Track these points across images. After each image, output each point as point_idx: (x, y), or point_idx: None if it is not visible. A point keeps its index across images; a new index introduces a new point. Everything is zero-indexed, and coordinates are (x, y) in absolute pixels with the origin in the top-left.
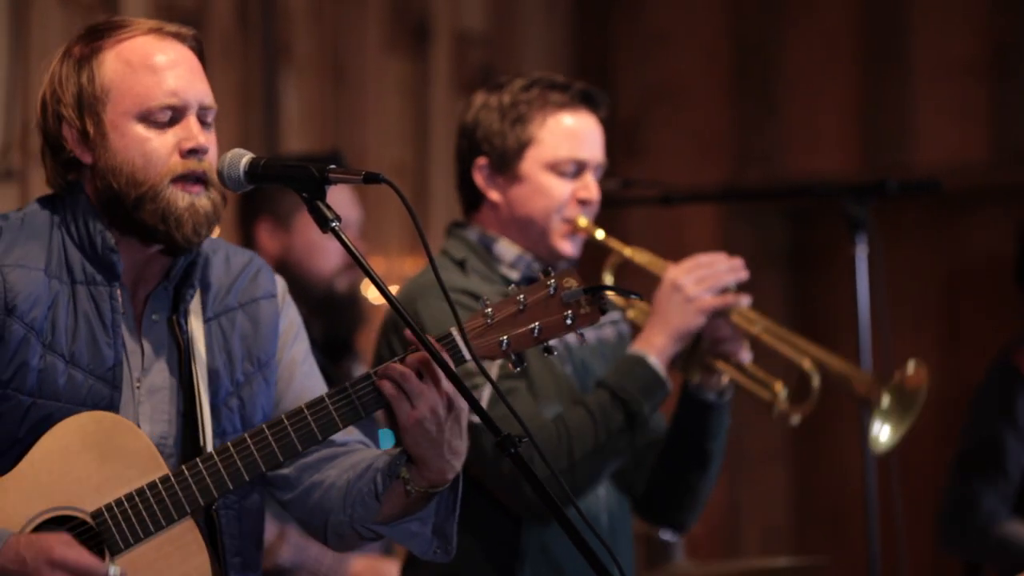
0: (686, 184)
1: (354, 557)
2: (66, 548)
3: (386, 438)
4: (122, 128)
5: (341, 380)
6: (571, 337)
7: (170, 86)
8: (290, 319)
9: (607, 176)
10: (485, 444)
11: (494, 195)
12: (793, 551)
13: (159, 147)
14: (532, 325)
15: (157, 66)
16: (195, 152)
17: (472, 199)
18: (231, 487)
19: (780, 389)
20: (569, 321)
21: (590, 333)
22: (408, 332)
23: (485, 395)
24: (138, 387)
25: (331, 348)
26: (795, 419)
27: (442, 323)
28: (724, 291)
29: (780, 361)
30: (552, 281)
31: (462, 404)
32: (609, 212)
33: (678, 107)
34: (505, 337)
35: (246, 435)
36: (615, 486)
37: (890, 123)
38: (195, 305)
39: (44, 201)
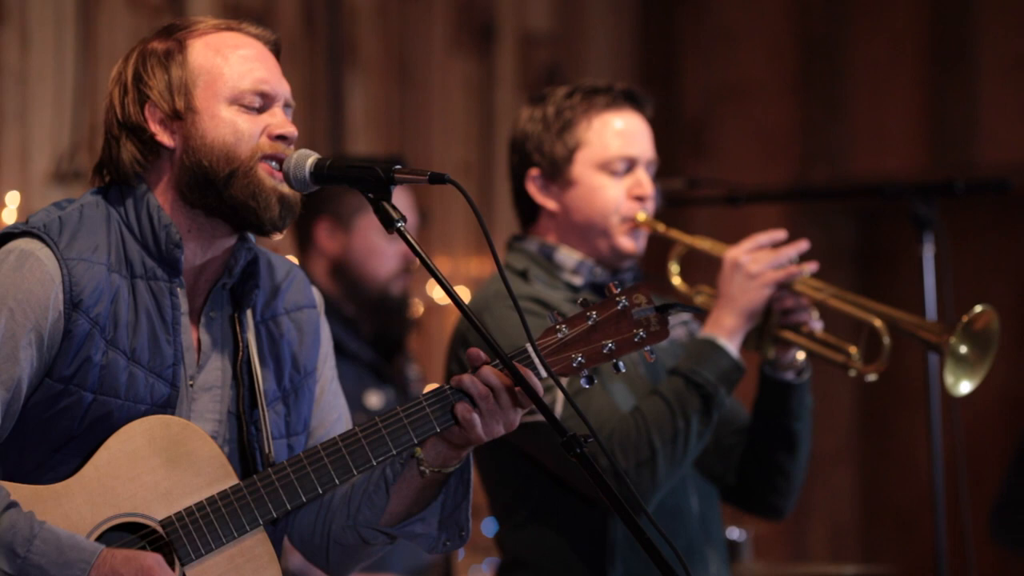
0: (752, 183)
1: None
2: (166, 571)
3: None
4: (213, 110)
5: (395, 379)
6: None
7: (261, 75)
8: (327, 335)
9: (673, 175)
10: None
11: (550, 204)
12: (860, 552)
13: (249, 127)
14: (605, 343)
15: (248, 56)
16: (284, 138)
17: (529, 212)
18: (304, 500)
19: (854, 352)
20: (639, 339)
21: None
22: (473, 352)
23: (559, 397)
24: (191, 384)
25: (383, 346)
26: (871, 377)
27: (510, 334)
28: (785, 264)
29: (845, 328)
30: (622, 298)
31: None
32: (675, 211)
33: (744, 106)
34: (579, 355)
35: (319, 447)
36: (702, 476)
37: (957, 122)
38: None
39: (99, 193)
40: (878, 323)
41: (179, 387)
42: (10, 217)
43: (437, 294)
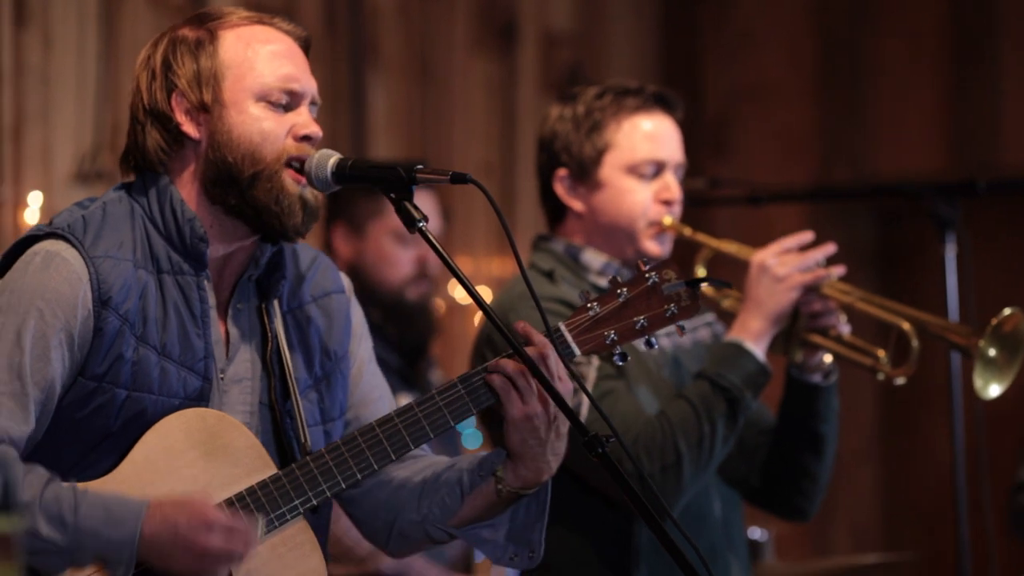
0: (773, 183)
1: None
2: (216, 510)
3: (474, 439)
4: (240, 105)
5: (419, 383)
6: (667, 337)
7: (291, 73)
8: (359, 317)
9: (694, 176)
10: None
11: (577, 205)
12: (883, 549)
13: (275, 127)
14: (636, 319)
15: (278, 52)
16: (309, 139)
17: (556, 212)
18: (344, 487)
19: (881, 355)
20: (670, 314)
21: (685, 337)
22: (521, 325)
23: (585, 399)
24: (221, 377)
25: (407, 352)
26: (900, 380)
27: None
28: (813, 267)
29: (872, 332)
30: (652, 274)
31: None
32: (696, 212)
33: (765, 106)
34: (611, 332)
35: (356, 432)
36: (724, 480)
37: (978, 121)
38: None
39: (122, 189)
40: (906, 326)
41: (211, 380)
42: (33, 217)
43: (459, 294)
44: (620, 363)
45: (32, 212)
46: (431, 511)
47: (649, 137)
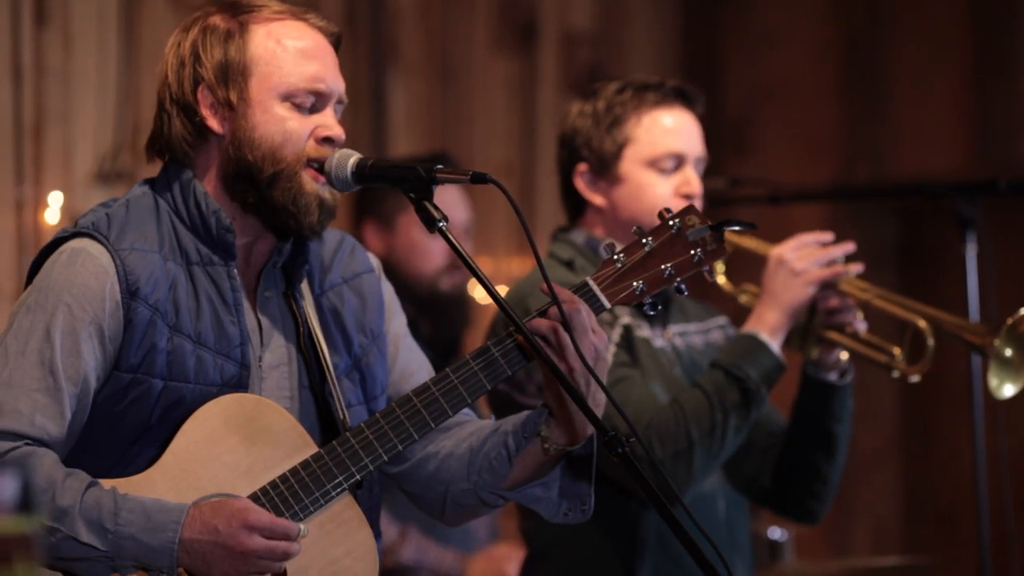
0: (794, 183)
1: (474, 556)
2: (258, 512)
3: None
4: (265, 104)
5: None
6: (680, 337)
7: (318, 73)
8: (390, 294)
9: (715, 175)
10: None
11: (597, 199)
12: (903, 550)
13: (298, 128)
14: (663, 266)
15: (307, 51)
16: (330, 141)
17: (576, 207)
18: (386, 459)
19: (897, 352)
20: (697, 259)
21: (698, 337)
22: (544, 287)
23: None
24: (260, 363)
25: (439, 346)
26: (915, 378)
27: None
28: (831, 264)
29: (888, 329)
30: (675, 220)
31: (605, 353)
32: (717, 211)
33: (786, 106)
34: (639, 282)
35: (394, 404)
36: (733, 484)
37: (1000, 120)
38: (303, 282)
39: (146, 185)
40: (923, 324)
41: (249, 366)
42: (53, 217)
43: (479, 293)
44: (651, 313)
45: (52, 212)
46: (481, 477)
47: (669, 131)
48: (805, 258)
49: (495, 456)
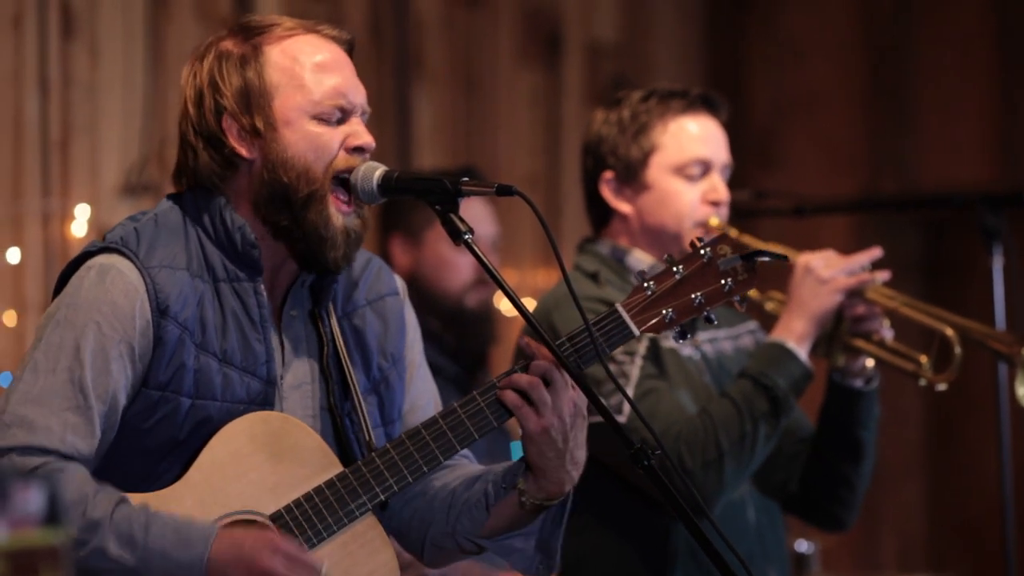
0: (819, 195)
1: (502, 571)
2: (287, 540)
3: (517, 446)
4: (295, 123)
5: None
6: (710, 343)
7: (339, 86)
8: (412, 320)
9: (740, 187)
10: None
11: (623, 207)
12: (930, 563)
13: (329, 141)
14: (693, 295)
15: (326, 64)
16: (361, 150)
17: (601, 215)
18: (411, 480)
19: (924, 360)
20: (727, 288)
21: (728, 343)
22: (525, 341)
23: (629, 390)
24: (282, 382)
25: (465, 361)
26: (941, 386)
27: None
28: (857, 271)
29: (914, 337)
30: (706, 249)
31: (584, 409)
32: (742, 223)
33: (812, 117)
34: (669, 310)
35: (420, 426)
36: (761, 490)
37: None
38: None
39: (173, 200)
40: (949, 332)
41: (275, 383)
42: (80, 230)
43: (505, 306)
44: (680, 341)
45: (79, 224)
46: (460, 523)
47: (696, 138)
48: (832, 266)
49: (475, 503)
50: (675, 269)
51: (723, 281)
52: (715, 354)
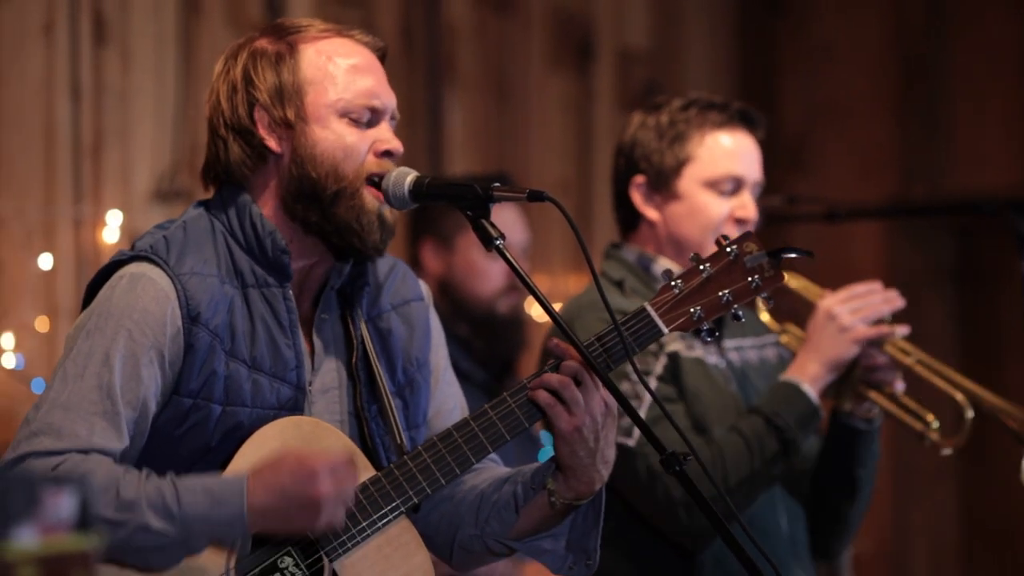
0: (851, 200)
1: (528, 565)
2: (313, 457)
3: (545, 453)
4: (325, 120)
5: None
6: (736, 351)
7: (372, 88)
8: (437, 325)
9: (772, 192)
10: (639, 468)
11: (651, 213)
12: (962, 571)
13: (358, 143)
14: (721, 293)
15: (359, 67)
16: (390, 154)
17: (629, 219)
18: (443, 483)
19: (932, 420)
20: (755, 286)
21: (753, 352)
22: (555, 342)
23: (643, 410)
24: (310, 387)
25: (494, 367)
26: (947, 451)
27: None
28: (879, 321)
29: (931, 390)
30: (733, 247)
31: (615, 408)
32: (773, 228)
33: (843, 123)
34: (697, 308)
35: (451, 428)
36: (792, 496)
37: None
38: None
39: (201, 207)
40: (960, 397)
41: (304, 388)
42: (112, 236)
43: (536, 311)
44: (708, 340)
45: (111, 231)
46: (489, 525)
47: (731, 153)
48: (855, 313)
49: (503, 505)
50: (702, 267)
51: (750, 278)
52: (741, 363)
